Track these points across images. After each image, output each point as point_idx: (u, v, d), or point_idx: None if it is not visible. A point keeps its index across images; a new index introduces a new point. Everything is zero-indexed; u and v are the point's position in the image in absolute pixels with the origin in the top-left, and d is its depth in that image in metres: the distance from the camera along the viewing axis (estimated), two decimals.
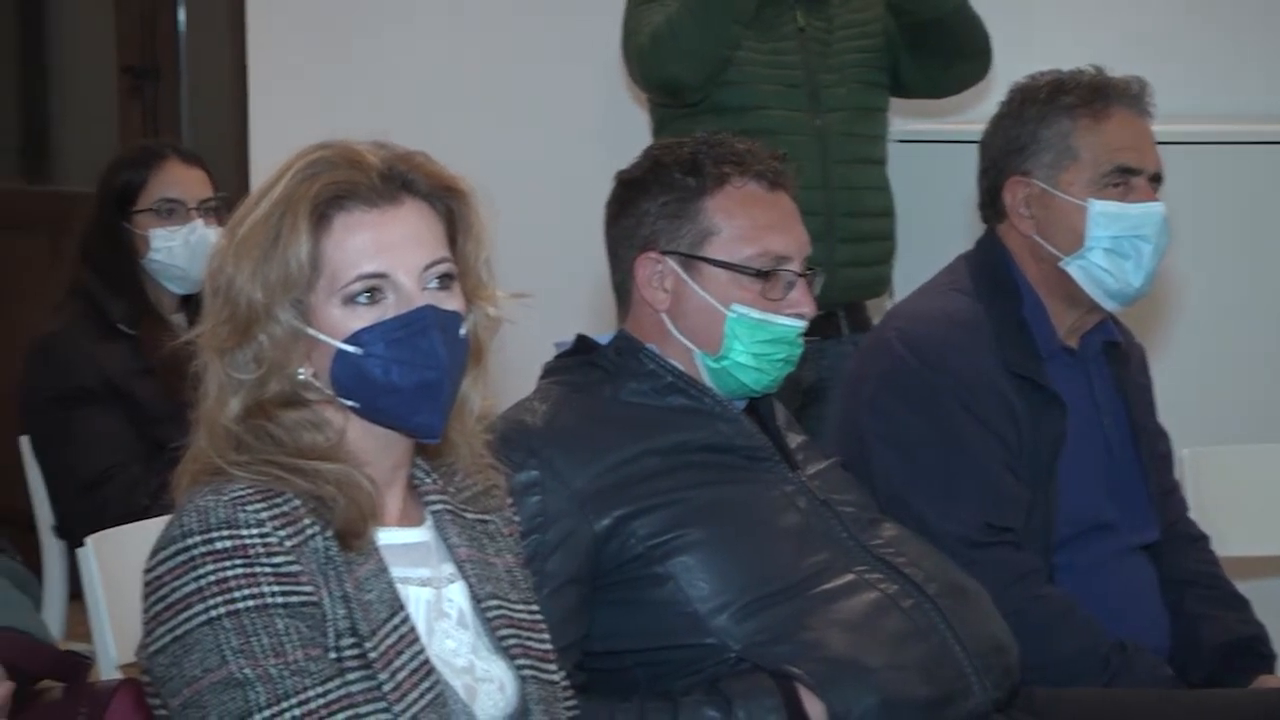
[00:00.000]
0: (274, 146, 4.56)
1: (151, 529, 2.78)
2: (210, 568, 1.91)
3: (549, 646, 2.15)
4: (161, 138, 4.99)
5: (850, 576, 2.52)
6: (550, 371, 2.67)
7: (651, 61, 3.87)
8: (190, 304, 3.83)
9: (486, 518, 2.17)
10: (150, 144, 4.19)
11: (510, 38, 4.68)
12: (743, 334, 2.58)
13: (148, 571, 1.96)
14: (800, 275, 2.63)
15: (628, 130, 4.27)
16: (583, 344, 2.66)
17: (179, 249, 3.78)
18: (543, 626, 2.16)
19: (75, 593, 3.72)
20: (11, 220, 5.58)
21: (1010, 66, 3.52)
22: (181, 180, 3.85)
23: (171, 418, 3.56)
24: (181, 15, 5.40)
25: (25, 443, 3.77)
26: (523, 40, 4.68)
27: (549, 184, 4.44)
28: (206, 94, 5.41)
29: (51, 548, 3.79)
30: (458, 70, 4.68)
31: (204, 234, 3.79)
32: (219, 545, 1.92)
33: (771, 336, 2.60)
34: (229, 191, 3.94)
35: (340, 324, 2.00)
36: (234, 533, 1.92)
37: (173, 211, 3.81)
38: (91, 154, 5.57)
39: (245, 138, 4.80)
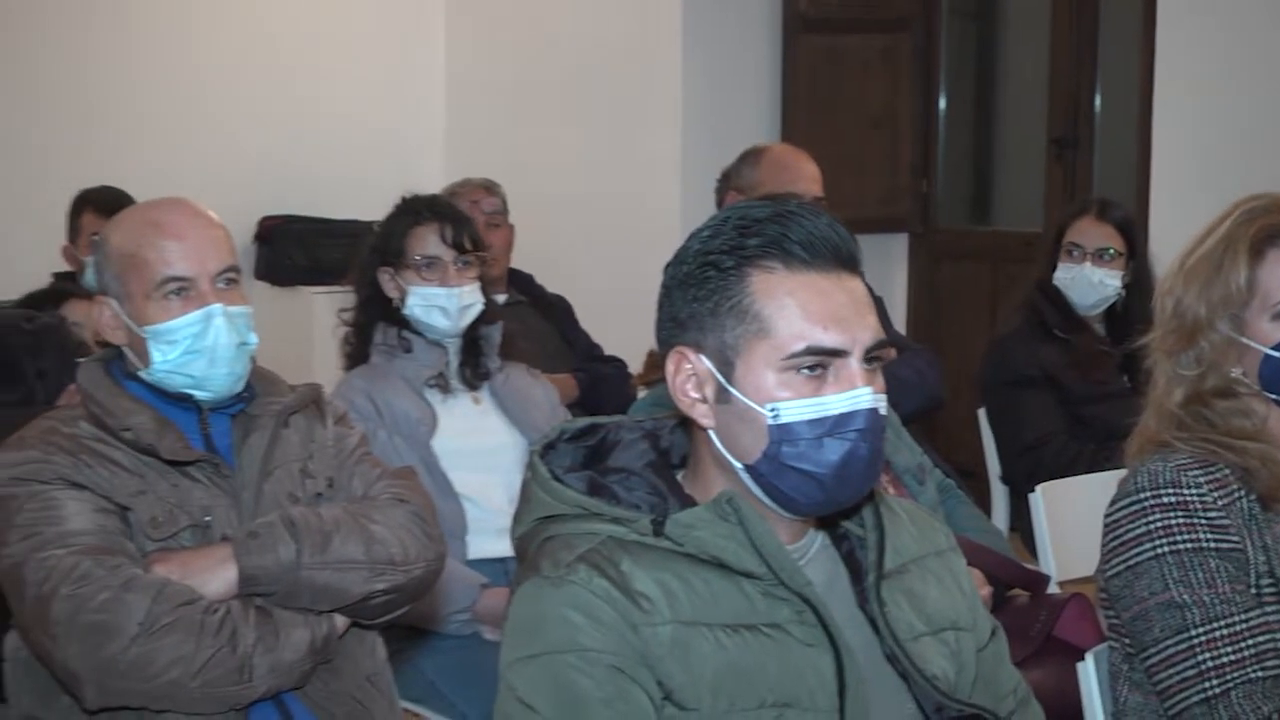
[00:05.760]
0: (1171, 208, 4.44)
1: (1079, 483, 2.81)
2: (1157, 516, 1.90)
3: None
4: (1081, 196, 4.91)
5: None
6: None
7: None
8: (1108, 317, 3.77)
9: None
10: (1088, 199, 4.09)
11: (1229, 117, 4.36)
12: None
13: (1107, 516, 1.97)
14: None
15: None
16: None
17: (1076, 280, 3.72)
18: None
19: (1011, 526, 3.80)
20: (963, 253, 5.72)
21: None
22: (1086, 231, 3.75)
23: (1092, 399, 3.56)
24: (1098, 97, 5.32)
25: (981, 415, 3.87)
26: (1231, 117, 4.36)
27: None
28: (1114, 161, 5.29)
29: (998, 493, 3.86)
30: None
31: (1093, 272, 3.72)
32: (1165, 500, 1.90)
33: None
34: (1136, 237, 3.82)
35: (1269, 334, 1.93)
36: (1177, 491, 1.90)
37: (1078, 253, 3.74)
38: (1022, 204, 5.62)
39: (1146, 199, 4.65)
